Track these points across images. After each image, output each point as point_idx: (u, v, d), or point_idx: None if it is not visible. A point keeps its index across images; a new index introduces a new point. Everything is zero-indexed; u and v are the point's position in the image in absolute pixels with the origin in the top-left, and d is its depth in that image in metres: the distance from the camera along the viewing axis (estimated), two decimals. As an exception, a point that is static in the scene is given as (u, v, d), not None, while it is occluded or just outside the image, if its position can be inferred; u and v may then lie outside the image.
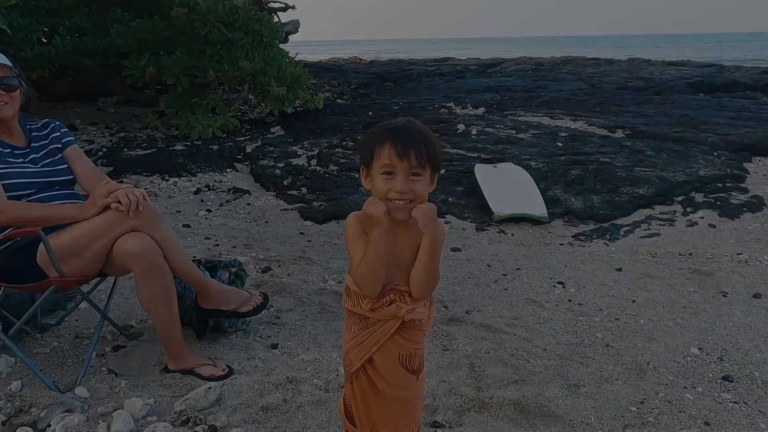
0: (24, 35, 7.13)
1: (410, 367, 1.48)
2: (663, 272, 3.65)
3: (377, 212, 1.36)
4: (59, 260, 2.06)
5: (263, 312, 2.78)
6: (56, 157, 2.37)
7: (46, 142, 2.39)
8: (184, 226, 4.30)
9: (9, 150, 2.27)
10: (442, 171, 1.45)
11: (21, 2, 6.63)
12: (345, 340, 1.52)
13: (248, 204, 5.02)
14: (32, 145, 2.35)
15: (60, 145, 2.41)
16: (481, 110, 9.31)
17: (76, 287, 2.19)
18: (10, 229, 2.09)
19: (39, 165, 2.31)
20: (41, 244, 2.09)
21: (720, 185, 5.39)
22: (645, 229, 4.50)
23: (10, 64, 2.25)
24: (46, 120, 2.48)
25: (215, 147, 6.70)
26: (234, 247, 3.90)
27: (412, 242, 1.43)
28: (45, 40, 8.09)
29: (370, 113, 8.89)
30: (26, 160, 2.29)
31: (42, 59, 7.30)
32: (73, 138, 2.49)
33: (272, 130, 7.92)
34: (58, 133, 2.44)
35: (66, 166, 2.37)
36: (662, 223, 4.64)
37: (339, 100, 11.04)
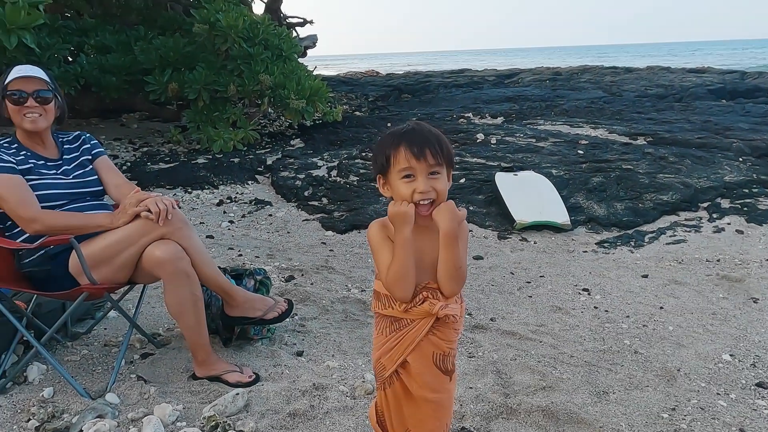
0: (51, 54, 7.32)
1: (444, 367, 1.48)
2: (690, 279, 3.59)
3: (405, 208, 1.37)
4: (90, 268, 2.09)
5: (288, 320, 2.80)
6: (87, 169, 2.42)
7: (78, 153, 2.45)
8: (207, 237, 4.34)
9: (42, 162, 2.32)
10: (462, 180, 1.46)
11: (48, 22, 6.80)
12: (376, 346, 1.52)
13: (270, 215, 5.06)
14: (64, 157, 2.41)
15: (90, 157, 2.46)
16: (499, 120, 9.30)
17: (107, 294, 2.22)
18: (43, 238, 2.13)
19: (71, 176, 2.36)
20: (73, 252, 2.13)
21: (746, 191, 5.30)
22: (670, 236, 4.44)
23: (46, 78, 2.31)
24: (77, 132, 2.54)
25: (236, 160, 6.78)
26: (257, 257, 3.93)
27: (436, 242, 1.43)
28: (70, 59, 8.31)
29: (389, 124, 8.92)
30: (59, 171, 2.34)
31: (68, 77, 7.47)
32: (102, 149, 2.54)
33: (292, 142, 7.99)
34: (89, 145, 2.50)
35: (96, 177, 2.42)
36: (688, 229, 4.57)
37: (357, 113, 11.11)
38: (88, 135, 2.54)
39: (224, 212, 5.12)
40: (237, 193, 5.70)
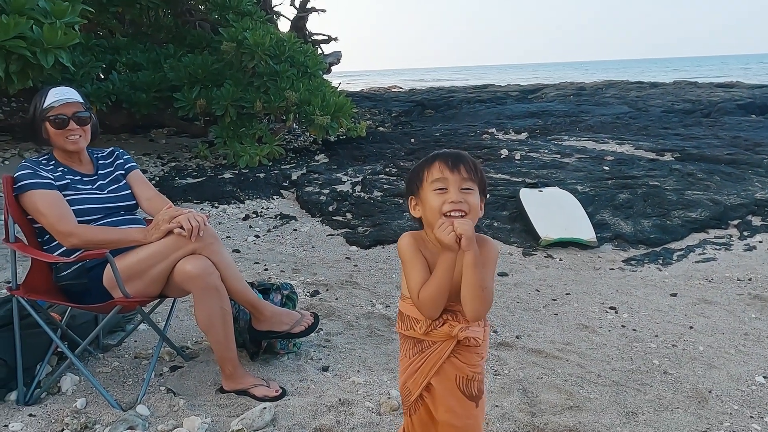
0: (84, 72, 7.55)
1: (468, 392, 1.46)
2: (721, 298, 3.53)
3: (449, 239, 1.35)
4: (123, 281, 2.14)
5: (313, 334, 2.82)
6: (121, 183, 2.50)
7: (112, 169, 2.52)
8: (233, 251, 4.40)
9: (79, 177, 2.40)
10: (488, 196, 1.47)
11: (82, 41, 7.02)
12: (401, 370, 1.52)
13: (295, 230, 5.11)
14: (99, 172, 2.48)
15: (123, 171, 2.54)
16: (523, 135, 9.28)
17: (138, 308, 2.27)
18: (80, 251, 2.19)
19: (105, 191, 2.43)
20: (107, 266, 2.18)
21: (778, 208, 5.19)
22: (699, 254, 4.37)
23: (81, 99, 2.40)
24: (111, 148, 2.62)
25: (262, 175, 6.87)
26: (282, 271, 3.97)
27: (461, 263, 1.41)
28: (102, 76, 8.55)
29: (412, 140, 8.97)
30: (94, 186, 2.42)
31: (100, 93, 7.69)
32: (135, 164, 2.62)
33: (316, 157, 8.07)
34: (122, 160, 2.57)
35: (129, 191, 2.49)
36: (718, 247, 4.49)
37: (381, 128, 11.19)
38: (121, 150, 2.62)
39: (250, 227, 5.19)
40: (262, 207, 5.77)
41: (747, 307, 3.37)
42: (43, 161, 2.38)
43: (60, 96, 2.35)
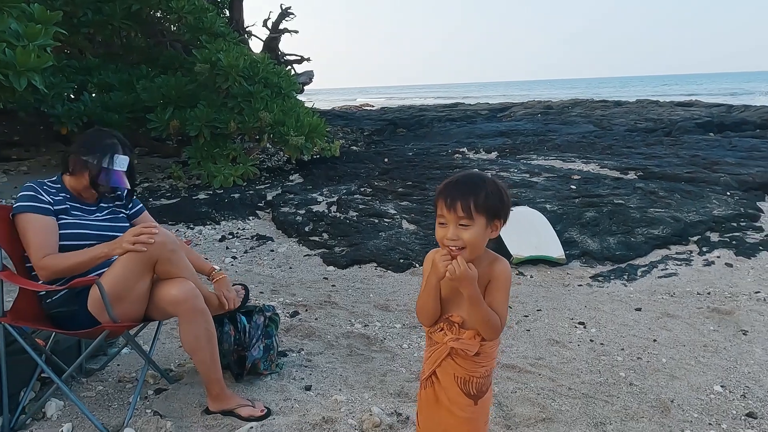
0: (56, 92, 7.51)
1: (465, 390, 1.60)
2: (682, 311, 3.72)
3: (441, 270, 1.50)
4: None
5: (295, 355, 2.90)
6: (118, 216, 2.57)
7: (111, 206, 2.58)
8: (211, 272, 4.43)
9: (78, 205, 2.47)
10: (506, 218, 1.58)
11: (54, 62, 7.00)
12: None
13: (272, 250, 5.17)
14: (101, 205, 2.55)
15: (127, 212, 2.63)
16: (494, 155, 9.52)
17: (126, 332, 2.32)
18: (65, 279, 2.24)
19: (101, 221, 2.48)
20: (91, 290, 2.23)
21: (735, 225, 5.47)
22: (662, 269, 4.58)
23: (126, 170, 2.51)
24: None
25: (237, 195, 6.91)
26: (261, 292, 4.02)
27: None
28: (72, 96, 8.50)
29: (386, 160, 9.12)
30: (91, 215, 2.47)
31: (72, 114, 7.66)
32: (142, 205, 2.71)
33: (291, 177, 8.15)
34: (123, 200, 2.64)
35: (127, 224, 2.55)
36: (679, 263, 4.71)
37: (354, 147, 11.32)
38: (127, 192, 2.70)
39: (227, 248, 5.23)
40: (239, 228, 5.81)
41: (706, 320, 3.57)
42: (49, 183, 2.44)
43: (117, 167, 2.45)
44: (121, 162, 2.47)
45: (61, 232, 2.32)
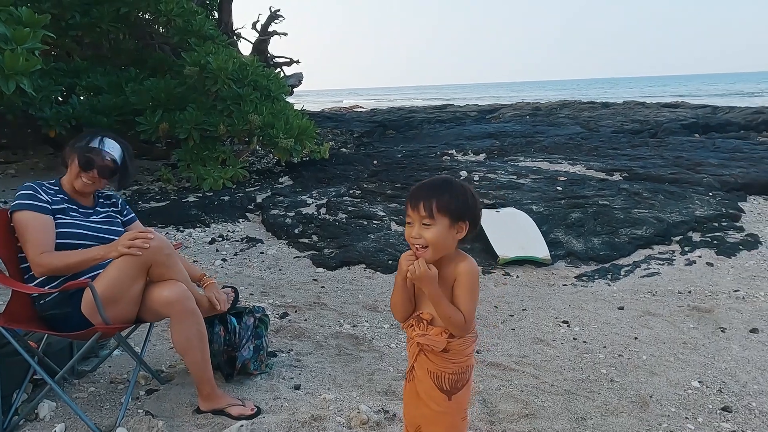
0: (44, 95, 7.50)
1: (439, 385, 1.66)
2: (663, 310, 3.81)
3: (404, 269, 1.60)
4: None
5: (284, 355, 2.95)
6: (114, 220, 2.62)
7: (108, 210, 2.65)
8: (201, 275, 4.47)
9: (76, 206, 2.52)
10: (470, 220, 1.66)
11: (42, 65, 7.00)
12: None
13: (262, 252, 5.22)
14: (97, 208, 2.61)
15: (122, 218, 2.68)
16: (482, 156, 9.61)
17: (118, 334, 2.36)
18: (60, 281, 2.28)
19: (98, 222, 2.54)
20: (84, 293, 2.27)
21: (716, 225, 5.58)
22: (645, 269, 4.68)
23: (119, 161, 2.56)
24: (113, 193, 2.78)
25: (226, 198, 6.94)
26: (251, 294, 4.07)
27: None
28: (60, 99, 8.49)
29: (375, 162, 9.18)
30: (88, 217, 2.53)
31: (60, 117, 7.65)
32: (134, 215, 2.76)
33: (281, 179, 8.18)
34: (118, 207, 2.72)
35: (122, 229, 2.61)
36: (661, 262, 4.81)
37: (343, 149, 11.36)
38: (122, 200, 2.77)
39: (217, 250, 5.26)
40: (228, 231, 5.85)
41: (686, 318, 3.66)
42: (48, 184, 2.50)
43: (106, 149, 2.51)
44: (110, 145, 2.53)
45: (58, 231, 2.37)
